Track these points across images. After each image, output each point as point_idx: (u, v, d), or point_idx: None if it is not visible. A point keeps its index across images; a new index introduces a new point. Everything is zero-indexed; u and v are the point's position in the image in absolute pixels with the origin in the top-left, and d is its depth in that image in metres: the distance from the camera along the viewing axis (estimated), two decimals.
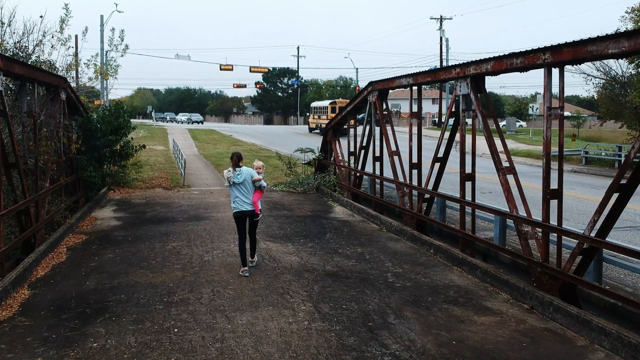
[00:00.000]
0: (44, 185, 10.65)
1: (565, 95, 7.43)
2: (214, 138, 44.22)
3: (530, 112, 48.17)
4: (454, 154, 12.26)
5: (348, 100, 55.63)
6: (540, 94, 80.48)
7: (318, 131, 53.71)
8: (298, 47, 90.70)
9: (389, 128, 13.20)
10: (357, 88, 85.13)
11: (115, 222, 12.64)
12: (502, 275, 8.00)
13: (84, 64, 14.60)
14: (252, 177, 8.60)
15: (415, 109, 11.53)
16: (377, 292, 7.74)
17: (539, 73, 7.41)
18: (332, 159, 18.02)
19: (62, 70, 15.16)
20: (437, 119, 66.81)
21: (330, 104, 52.23)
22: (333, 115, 51.59)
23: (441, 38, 67.57)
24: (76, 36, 24.59)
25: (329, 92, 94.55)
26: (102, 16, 50.91)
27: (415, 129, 11.46)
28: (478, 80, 9.11)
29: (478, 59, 8.87)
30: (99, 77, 14.96)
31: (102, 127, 13.63)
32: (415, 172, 11.56)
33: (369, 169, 15.22)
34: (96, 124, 13.47)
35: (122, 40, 15.65)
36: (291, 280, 8.25)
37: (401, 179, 12.34)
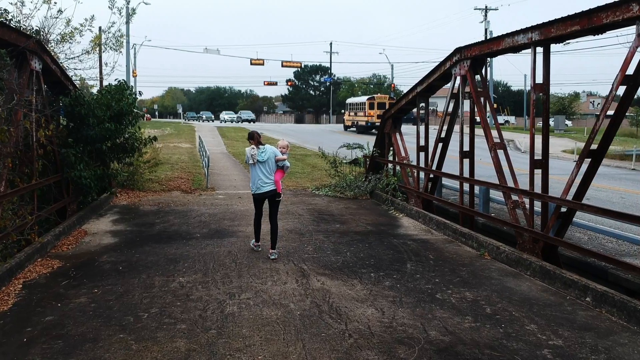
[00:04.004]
0: None
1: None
2: (243, 135, 40.94)
3: (590, 107, 43.38)
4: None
5: (387, 96, 51.70)
6: (585, 92, 74.69)
7: (354, 129, 50.13)
8: (331, 43, 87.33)
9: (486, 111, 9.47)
10: (393, 86, 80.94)
11: (110, 240, 9.24)
12: None
13: (75, 29, 11.32)
14: (276, 156, 8.18)
15: (540, 79, 7.76)
16: None
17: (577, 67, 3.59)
18: (390, 155, 14.36)
19: (54, 43, 11.91)
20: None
21: (368, 99, 48.49)
22: (371, 112, 48.55)
23: (486, 30, 62.86)
24: (100, 28, 21.70)
25: (361, 89, 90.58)
26: (127, 7, 48.45)
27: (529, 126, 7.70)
28: None
29: None
30: (97, 50, 11.72)
31: (97, 112, 10.25)
32: (539, 172, 7.79)
33: (447, 168, 11.52)
34: (87, 107, 10.08)
35: (128, 1, 12.23)
36: None
37: (510, 183, 8.59)
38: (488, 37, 64.37)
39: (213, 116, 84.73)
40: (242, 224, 10.50)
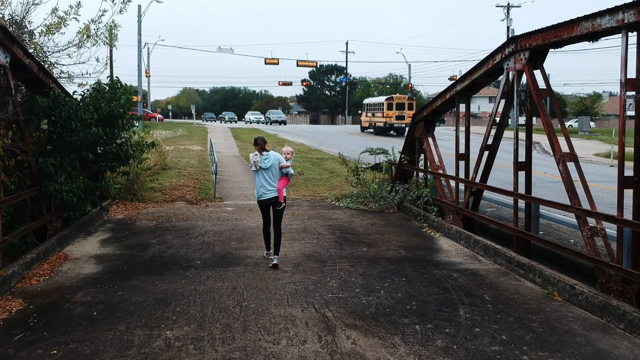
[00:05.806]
0: None
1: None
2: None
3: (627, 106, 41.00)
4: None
5: (406, 96, 49.26)
6: (605, 92, 71.34)
7: (372, 130, 48.38)
8: (347, 42, 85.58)
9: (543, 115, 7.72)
10: (410, 86, 78.77)
11: (92, 268, 7.68)
12: None
13: (60, 18, 9.75)
14: (280, 163, 7.94)
15: (632, 73, 6.02)
16: None
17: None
18: (420, 163, 12.65)
19: (37, 34, 10.42)
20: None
21: (387, 99, 46.57)
22: (390, 113, 46.64)
23: (508, 28, 60.76)
24: (111, 26, 20.48)
25: (377, 90, 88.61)
26: (139, 6, 47.26)
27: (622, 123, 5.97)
28: None
29: None
30: (86, 42, 10.22)
31: (81, 115, 8.69)
32: (630, 192, 6.05)
33: (492, 181, 9.79)
34: (69, 109, 8.50)
35: None
36: None
37: (585, 204, 6.84)
38: (511, 36, 62.33)
39: (236, 117, 78.91)
40: (251, 247, 8.89)
